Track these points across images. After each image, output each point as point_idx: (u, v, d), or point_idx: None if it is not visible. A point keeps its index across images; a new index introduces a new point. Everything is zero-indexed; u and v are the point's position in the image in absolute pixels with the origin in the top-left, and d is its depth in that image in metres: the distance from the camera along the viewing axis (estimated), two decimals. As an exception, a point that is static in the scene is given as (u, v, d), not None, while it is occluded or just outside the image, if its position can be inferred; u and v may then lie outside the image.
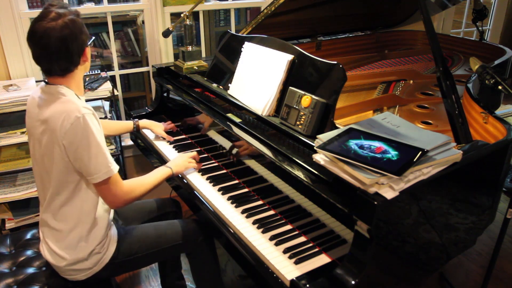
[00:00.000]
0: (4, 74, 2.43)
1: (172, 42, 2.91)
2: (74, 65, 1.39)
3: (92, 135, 1.34)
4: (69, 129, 1.31)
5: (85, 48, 1.41)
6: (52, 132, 1.34)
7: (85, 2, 2.76)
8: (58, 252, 1.46)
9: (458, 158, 1.23)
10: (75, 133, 1.32)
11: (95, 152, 1.35)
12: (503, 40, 4.31)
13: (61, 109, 1.34)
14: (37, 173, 1.50)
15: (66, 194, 1.42)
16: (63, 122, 1.32)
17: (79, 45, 1.37)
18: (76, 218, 1.45)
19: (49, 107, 1.36)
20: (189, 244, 1.70)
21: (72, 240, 1.46)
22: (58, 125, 1.32)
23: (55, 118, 1.33)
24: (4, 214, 2.35)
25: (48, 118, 1.35)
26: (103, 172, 1.37)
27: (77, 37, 1.35)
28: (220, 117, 1.78)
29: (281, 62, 1.66)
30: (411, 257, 1.33)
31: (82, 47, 1.39)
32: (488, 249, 2.45)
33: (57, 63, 1.35)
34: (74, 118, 1.31)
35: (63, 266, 1.47)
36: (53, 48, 1.31)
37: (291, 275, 1.22)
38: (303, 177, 1.32)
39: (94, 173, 1.36)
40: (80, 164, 1.36)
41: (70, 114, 1.32)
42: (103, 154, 1.36)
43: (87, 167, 1.35)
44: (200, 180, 1.73)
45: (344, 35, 2.84)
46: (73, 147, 1.33)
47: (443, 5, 2.70)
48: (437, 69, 1.45)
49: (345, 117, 1.84)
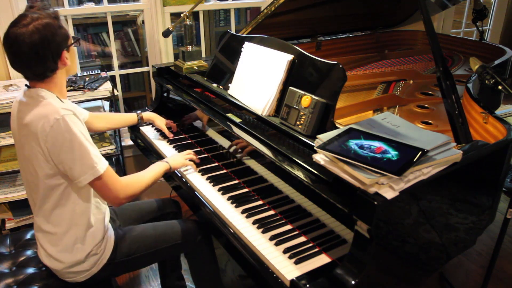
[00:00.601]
0: (4, 74, 2.43)
1: (172, 42, 2.91)
2: (51, 70, 1.35)
3: (74, 136, 1.30)
4: (49, 132, 1.28)
5: (62, 51, 1.34)
6: (34, 136, 1.31)
7: (85, 2, 2.76)
8: (54, 256, 1.46)
9: (458, 158, 1.23)
10: (56, 135, 1.29)
11: (79, 154, 1.31)
12: (503, 40, 4.31)
13: (41, 112, 1.31)
14: (24, 177, 1.48)
15: (56, 197, 1.40)
16: (43, 125, 1.29)
17: (53, 49, 1.31)
18: (69, 221, 1.43)
19: (30, 111, 1.33)
20: (188, 244, 1.70)
21: (67, 243, 1.45)
22: (38, 129, 1.29)
23: (35, 122, 1.30)
24: (4, 214, 2.35)
25: (29, 123, 1.32)
26: (90, 172, 1.33)
27: (49, 42, 1.29)
28: (220, 117, 1.78)
29: (281, 62, 1.66)
30: (411, 257, 1.33)
31: (58, 52, 1.33)
32: (488, 249, 2.45)
33: (31, 69, 1.32)
34: (53, 121, 1.28)
35: (61, 269, 1.47)
36: (24, 55, 1.28)
37: (291, 275, 1.22)
38: (303, 177, 1.32)
39: (79, 176, 1.33)
40: (65, 167, 1.33)
41: (49, 117, 1.29)
42: (87, 155, 1.32)
43: (72, 170, 1.32)
44: (200, 180, 1.73)
45: (344, 35, 2.84)
46: (56, 150, 1.30)
47: (443, 5, 2.70)
48: (437, 69, 1.45)
49: (345, 117, 1.84)
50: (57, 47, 1.32)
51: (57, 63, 1.35)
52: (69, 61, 1.39)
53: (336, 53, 2.70)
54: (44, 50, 1.29)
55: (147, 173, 1.58)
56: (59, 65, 1.36)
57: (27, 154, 1.37)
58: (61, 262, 1.46)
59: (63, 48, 1.35)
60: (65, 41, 1.35)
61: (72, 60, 1.43)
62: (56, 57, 1.33)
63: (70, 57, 1.41)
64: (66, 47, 1.36)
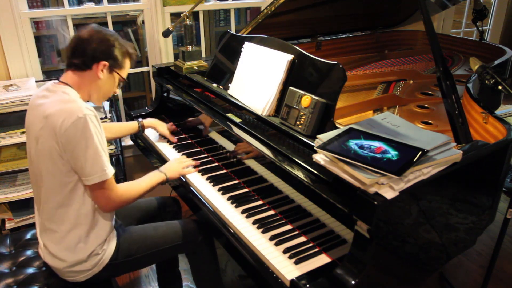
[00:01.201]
0: (4, 74, 2.43)
1: (172, 42, 2.91)
2: (85, 65, 1.44)
3: (91, 137, 1.34)
4: (69, 127, 1.32)
5: (102, 61, 1.44)
6: (51, 129, 1.35)
7: (85, 2, 2.76)
8: (56, 255, 1.46)
9: (458, 158, 1.23)
10: (75, 132, 1.32)
11: (92, 154, 1.35)
12: (503, 40, 4.31)
13: (64, 107, 1.35)
14: (32, 172, 1.49)
15: (63, 195, 1.42)
16: (64, 120, 1.32)
17: (99, 51, 1.43)
18: (73, 220, 1.44)
19: (52, 105, 1.37)
20: (189, 244, 1.70)
21: (70, 241, 1.45)
22: (58, 123, 1.33)
23: (57, 116, 1.34)
24: (4, 214, 2.35)
25: (49, 115, 1.35)
26: (98, 175, 1.37)
27: (102, 42, 1.44)
28: (220, 117, 1.78)
29: (281, 62, 1.65)
30: (411, 257, 1.33)
31: (98, 57, 1.44)
32: (488, 249, 2.45)
33: (75, 53, 1.44)
34: (75, 118, 1.32)
35: (62, 268, 1.47)
36: (79, 39, 1.44)
37: (291, 275, 1.22)
38: (303, 177, 1.32)
39: (89, 175, 1.36)
40: (76, 164, 1.36)
41: (72, 114, 1.33)
42: (100, 157, 1.37)
43: (83, 168, 1.36)
44: (200, 180, 1.73)
45: (344, 35, 2.83)
46: (71, 146, 1.34)
47: (443, 5, 2.70)
48: (437, 69, 1.45)
49: (345, 117, 1.84)
50: (102, 53, 1.44)
51: (91, 65, 1.44)
52: (102, 78, 1.47)
53: (336, 53, 2.70)
54: (91, 44, 1.42)
55: (142, 183, 1.59)
56: (93, 68, 1.44)
57: (41, 147, 1.39)
58: (63, 260, 1.46)
59: (104, 59, 1.45)
60: (112, 58, 1.47)
61: (106, 87, 1.52)
62: (95, 59, 1.44)
63: (107, 82, 1.50)
64: (108, 61, 1.46)
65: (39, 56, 2.56)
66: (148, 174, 1.66)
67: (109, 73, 1.49)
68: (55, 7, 2.80)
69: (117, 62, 1.50)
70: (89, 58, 1.44)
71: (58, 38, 3.09)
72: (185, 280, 2.17)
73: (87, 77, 1.46)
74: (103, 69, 1.46)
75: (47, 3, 2.95)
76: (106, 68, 1.47)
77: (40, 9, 2.62)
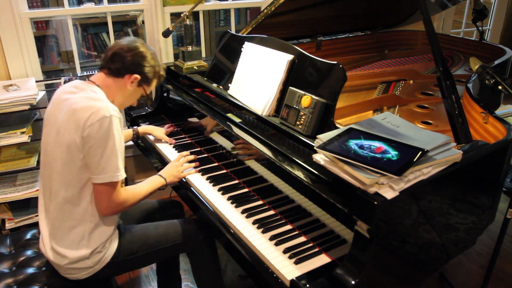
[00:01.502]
0: (4, 74, 2.43)
1: (172, 42, 2.91)
2: (118, 74, 1.52)
3: (112, 138, 1.38)
4: (94, 124, 1.36)
5: (135, 74, 1.52)
6: (76, 122, 1.37)
7: (85, 2, 2.76)
8: (59, 251, 1.46)
9: (458, 158, 1.23)
10: (98, 130, 1.36)
11: (109, 154, 1.38)
12: (503, 40, 4.31)
13: (92, 104, 1.39)
14: (45, 165, 1.50)
15: (74, 191, 1.43)
16: (91, 116, 1.36)
17: (134, 63, 1.52)
18: (80, 216, 1.45)
19: (79, 100, 1.42)
20: (190, 243, 1.70)
21: (74, 238, 1.45)
22: (84, 118, 1.36)
23: (84, 110, 1.38)
24: (4, 214, 2.35)
25: (76, 109, 1.39)
26: (109, 175, 1.39)
27: (139, 57, 1.53)
28: (220, 117, 1.78)
29: (281, 62, 1.65)
30: (411, 257, 1.33)
31: (132, 70, 1.52)
32: (488, 249, 2.45)
33: (113, 59, 1.51)
34: (102, 116, 1.36)
35: (64, 265, 1.47)
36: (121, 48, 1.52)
37: (291, 275, 1.22)
38: (303, 177, 1.32)
39: (100, 173, 1.38)
40: (90, 161, 1.38)
41: (99, 111, 1.37)
42: (115, 158, 1.40)
43: (96, 165, 1.38)
44: (200, 180, 1.73)
45: (344, 35, 2.84)
46: (90, 142, 1.37)
47: (443, 5, 2.70)
48: (437, 69, 1.45)
49: (345, 117, 1.84)
50: (138, 66, 1.53)
51: (124, 74, 1.52)
52: (130, 89, 1.55)
53: (336, 53, 2.70)
54: (130, 56, 1.51)
55: (143, 189, 1.59)
56: (125, 77, 1.52)
57: (61, 139, 1.41)
58: (65, 257, 1.46)
59: (137, 73, 1.53)
60: (144, 74, 1.55)
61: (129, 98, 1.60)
62: (129, 70, 1.52)
63: (132, 93, 1.58)
64: (140, 76, 1.54)
65: (39, 56, 2.56)
66: (148, 178, 1.67)
67: (137, 86, 1.57)
68: (55, 7, 2.80)
69: (148, 79, 1.58)
70: (125, 68, 1.52)
71: (59, 38, 3.09)
72: (185, 280, 2.17)
73: (117, 83, 1.53)
74: (133, 81, 1.54)
75: (47, 3, 2.95)
76: (136, 81, 1.55)
77: (40, 9, 2.62)
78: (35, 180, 2.34)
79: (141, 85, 1.58)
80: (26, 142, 2.20)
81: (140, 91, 1.61)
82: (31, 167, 2.25)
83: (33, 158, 2.31)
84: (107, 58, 1.53)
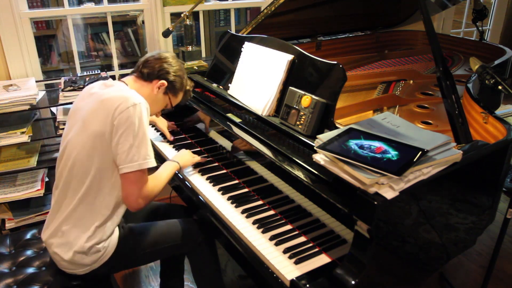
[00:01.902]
0: (4, 74, 2.43)
1: (172, 42, 2.91)
2: (148, 78, 1.58)
3: (142, 125, 1.40)
4: (125, 111, 1.38)
5: (162, 80, 1.59)
6: (106, 111, 1.40)
7: (85, 2, 2.76)
8: (62, 241, 1.46)
9: (458, 158, 1.23)
10: (128, 117, 1.38)
11: (139, 141, 1.39)
12: (503, 40, 4.31)
13: (122, 94, 1.44)
14: (65, 157, 1.48)
15: (91, 183, 1.43)
16: (121, 104, 1.39)
17: (161, 72, 1.58)
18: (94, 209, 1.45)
19: (109, 92, 1.47)
20: (189, 244, 1.70)
21: (81, 230, 1.45)
22: (114, 106, 1.39)
23: (114, 100, 1.41)
24: (4, 214, 2.35)
25: (106, 99, 1.43)
26: (139, 162, 1.39)
27: (171, 71, 1.60)
28: (220, 117, 1.78)
29: (281, 62, 1.65)
30: (411, 257, 1.33)
31: (160, 76, 1.59)
32: (488, 249, 2.45)
33: (147, 63, 1.60)
34: (132, 103, 1.40)
35: (63, 257, 1.46)
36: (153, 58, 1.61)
37: (291, 275, 1.22)
38: (303, 177, 1.32)
39: (130, 161, 1.38)
40: (120, 149, 1.38)
41: (129, 100, 1.41)
42: (146, 145, 1.41)
43: (127, 153, 1.38)
44: (200, 180, 1.73)
45: (344, 35, 2.83)
46: (121, 129, 1.38)
47: (443, 5, 2.70)
48: (437, 69, 1.45)
49: (345, 117, 1.84)
50: (166, 74, 1.60)
51: (153, 79, 1.59)
52: (156, 94, 1.60)
53: (336, 53, 2.70)
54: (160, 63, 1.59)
55: (163, 175, 1.60)
56: (153, 82, 1.59)
57: (89, 129, 1.42)
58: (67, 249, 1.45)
59: (164, 79, 1.60)
60: (171, 83, 1.62)
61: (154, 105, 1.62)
62: (156, 77, 1.59)
63: (158, 100, 1.63)
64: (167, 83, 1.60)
65: (39, 56, 2.56)
66: (162, 165, 1.67)
67: (163, 93, 1.62)
68: (55, 7, 2.80)
69: (174, 88, 1.64)
70: (154, 73, 1.58)
71: (58, 38, 3.09)
72: (185, 280, 2.17)
73: (145, 87, 1.59)
74: (160, 87, 1.59)
75: (47, 3, 2.95)
76: (163, 88, 1.60)
77: (40, 9, 2.62)
78: (35, 180, 2.34)
79: (167, 93, 1.63)
80: (26, 142, 2.20)
81: (166, 100, 1.65)
82: (31, 167, 2.25)
83: (33, 158, 2.31)
84: (139, 64, 1.61)
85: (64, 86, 2.32)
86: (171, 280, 2.00)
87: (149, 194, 1.46)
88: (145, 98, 1.53)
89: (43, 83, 2.56)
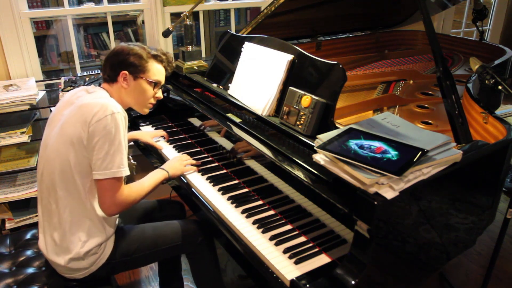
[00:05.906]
0: (4, 74, 2.44)
1: (172, 42, 2.91)
2: (110, 78, 1.55)
3: (118, 134, 1.40)
4: (102, 119, 1.38)
5: (121, 71, 1.53)
6: (83, 117, 1.40)
7: (85, 2, 2.76)
8: (57, 250, 1.46)
9: (458, 158, 1.23)
10: (105, 125, 1.38)
11: (115, 149, 1.39)
12: (503, 40, 4.31)
13: (99, 101, 1.43)
14: (45, 162, 1.48)
15: (74, 189, 1.43)
16: (98, 112, 1.39)
17: (117, 65, 1.53)
18: (79, 215, 1.44)
19: (87, 98, 1.47)
20: (188, 245, 1.69)
21: (73, 236, 1.45)
22: (92, 113, 1.39)
23: (91, 106, 1.41)
24: (4, 214, 2.36)
25: (84, 105, 1.43)
26: (113, 170, 1.39)
27: (121, 57, 1.54)
28: (220, 117, 1.78)
29: (281, 62, 1.65)
30: (411, 257, 1.33)
31: (118, 70, 1.53)
32: (488, 249, 2.45)
33: (105, 67, 1.57)
34: (110, 112, 1.39)
35: (61, 263, 1.46)
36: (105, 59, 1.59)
37: (291, 275, 1.22)
38: (303, 177, 1.32)
39: (105, 169, 1.38)
40: (96, 156, 1.38)
41: (107, 108, 1.40)
42: (120, 154, 1.41)
43: (101, 160, 1.38)
44: (200, 180, 1.73)
45: (344, 35, 2.84)
46: (97, 136, 1.38)
47: (443, 5, 2.69)
48: (437, 69, 1.45)
49: (345, 117, 1.84)
50: (119, 64, 1.54)
51: (115, 77, 1.55)
52: (128, 87, 1.56)
53: (336, 53, 2.70)
54: (111, 58, 1.56)
55: (145, 184, 1.59)
56: (118, 80, 1.55)
57: (66, 133, 1.42)
58: (63, 256, 1.45)
59: (122, 69, 1.53)
60: (130, 66, 1.54)
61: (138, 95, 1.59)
62: (115, 72, 1.54)
63: (136, 89, 1.57)
64: (127, 70, 1.54)
65: (39, 56, 2.56)
66: (150, 173, 1.66)
67: (134, 80, 1.56)
68: (55, 7, 2.80)
69: (137, 68, 1.55)
70: (112, 72, 1.55)
71: (59, 38, 3.09)
72: (185, 280, 2.17)
73: (115, 88, 1.57)
74: (125, 78, 1.54)
75: (47, 3, 2.95)
76: (128, 76, 1.55)
77: (40, 9, 2.62)
78: (35, 180, 2.34)
79: (137, 77, 1.56)
80: (26, 142, 2.20)
81: (144, 85, 1.57)
82: (31, 167, 2.25)
83: (33, 158, 2.31)
84: (101, 71, 1.60)
85: (64, 86, 2.32)
86: (169, 279, 2.00)
87: (122, 202, 1.45)
88: (125, 97, 1.57)
89: (43, 83, 2.56)
